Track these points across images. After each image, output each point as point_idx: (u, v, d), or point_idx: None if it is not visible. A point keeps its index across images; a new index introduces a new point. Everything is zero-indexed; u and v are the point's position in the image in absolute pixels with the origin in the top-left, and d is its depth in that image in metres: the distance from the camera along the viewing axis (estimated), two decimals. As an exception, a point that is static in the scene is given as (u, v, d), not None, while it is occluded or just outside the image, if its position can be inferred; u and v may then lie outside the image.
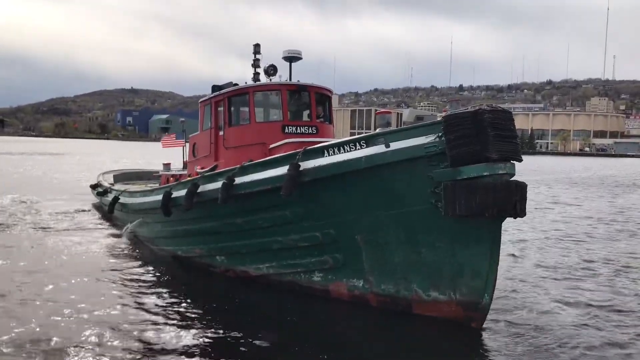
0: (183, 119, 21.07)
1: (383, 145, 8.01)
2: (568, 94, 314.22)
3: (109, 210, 17.57)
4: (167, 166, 16.94)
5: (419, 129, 7.87)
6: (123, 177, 24.83)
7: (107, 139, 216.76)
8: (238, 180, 9.69)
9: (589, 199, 30.19)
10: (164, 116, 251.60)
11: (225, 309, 9.23)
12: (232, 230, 10.66)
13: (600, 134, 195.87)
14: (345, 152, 8.41)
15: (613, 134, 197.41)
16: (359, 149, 8.26)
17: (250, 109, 12.31)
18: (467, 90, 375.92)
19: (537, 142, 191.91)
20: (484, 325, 8.16)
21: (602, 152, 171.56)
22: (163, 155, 20.34)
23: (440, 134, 7.58)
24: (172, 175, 15.75)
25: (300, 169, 8.70)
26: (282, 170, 8.90)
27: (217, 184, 9.96)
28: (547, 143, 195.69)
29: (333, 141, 8.82)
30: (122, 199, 16.27)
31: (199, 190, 10.53)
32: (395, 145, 7.93)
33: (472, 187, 7.34)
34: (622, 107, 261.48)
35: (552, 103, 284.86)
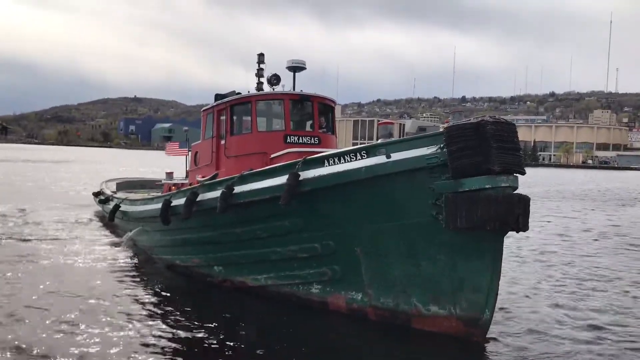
0: (186, 128, 21.11)
1: (384, 156, 7.93)
2: (571, 106, 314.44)
3: (109, 218, 17.60)
4: (169, 175, 16.96)
5: (421, 139, 7.80)
6: (126, 185, 24.75)
7: (110, 147, 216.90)
8: (237, 189, 9.60)
9: (591, 212, 30.04)
10: (167, 125, 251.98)
11: (222, 320, 9.09)
12: (230, 240, 10.55)
13: (603, 147, 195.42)
14: (345, 162, 8.33)
15: (616, 147, 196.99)
16: (359, 159, 8.19)
17: (253, 118, 12.29)
18: (469, 101, 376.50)
19: (540, 154, 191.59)
20: (484, 342, 7.98)
21: (605, 165, 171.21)
22: (165, 164, 20.31)
23: (442, 145, 7.49)
24: (174, 184, 15.72)
25: (300, 178, 8.62)
26: (282, 179, 8.82)
27: (216, 193, 9.88)
28: (550, 155, 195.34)
29: (333, 151, 8.76)
30: (123, 207, 16.24)
31: (198, 199, 10.44)
32: (396, 156, 7.85)
33: (474, 199, 7.24)
34: (625, 120, 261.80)
35: (555, 115, 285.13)
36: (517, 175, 7.60)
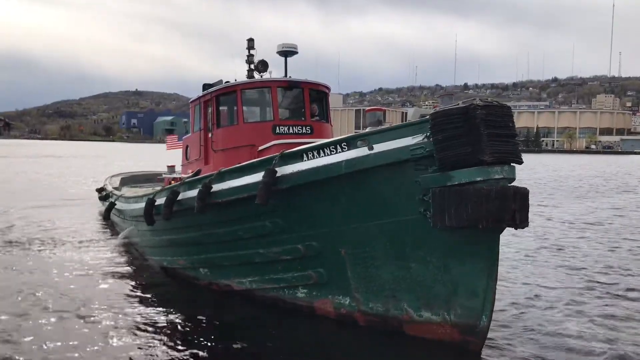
0: (186, 120, 20.66)
1: (366, 148, 7.22)
2: (574, 91, 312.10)
3: (104, 216, 17.37)
4: (171, 168, 16.50)
5: (405, 128, 7.05)
6: (131, 180, 23.91)
7: (112, 141, 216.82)
8: (215, 187, 9.01)
9: (595, 202, 29.33)
10: (169, 118, 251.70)
11: (208, 325, 8.66)
12: (212, 241, 10.01)
13: (607, 131, 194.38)
14: (325, 155, 7.61)
15: (619, 131, 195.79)
16: (339, 152, 7.48)
17: (238, 108, 11.63)
18: (472, 88, 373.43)
19: (543, 140, 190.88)
20: (482, 351, 7.31)
21: (608, 150, 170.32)
22: (168, 157, 19.85)
23: (428, 134, 6.77)
24: (174, 178, 15.25)
25: (277, 175, 8.00)
26: (259, 176, 8.16)
27: (196, 192, 9.27)
28: (553, 141, 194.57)
29: (313, 143, 8.06)
30: (118, 205, 15.86)
31: (179, 198, 9.89)
32: (379, 148, 7.14)
33: (463, 194, 6.53)
34: (629, 104, 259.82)
35: (558, 101, 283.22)
36: (514, 165, 6.86)
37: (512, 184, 6.83)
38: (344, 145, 7.49)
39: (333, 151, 7.58)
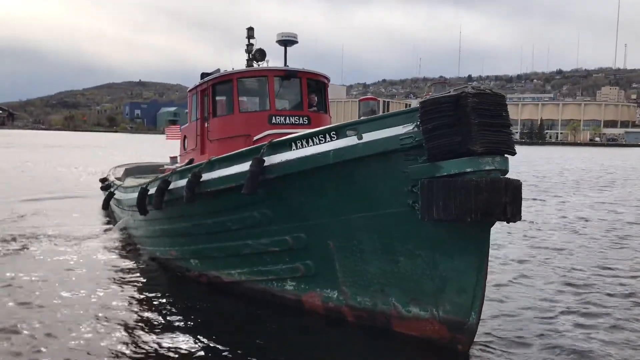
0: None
1: (355, 137, 7.00)
2: (578, 83, 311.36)
3: (103, 206, 17.44)
4: (173, 159, 16.49)
5: (396, 117, 6.81)
6: (136, 170, 23.59)
7: (116, 131, 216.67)
8: (205, 176, 8.87)
9: (595, 197, 29.05)
10: (172, 108, 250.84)
11: (196, 317, 8.49)
12: (202, 232, 9.93)
13: (611, 124, 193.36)
14: (314, 144, 7.40)
15: (624, 124, 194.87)
16: (328, 142, 7.27)
17: (234, 98, 11.54)
18: (476, 80, 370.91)
19: (547, 133, 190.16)
20: (471, 349, 7.14)
21: (612, 142, 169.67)
22: (172, 149, 19.87)
23: (418, 123, 6.51)
24: (174, 169, 15.19)
25: (265, 164, 7.81)
26: (248, 165, 7.96)
27: (186, 181, 9.16)
28: (557, 133, 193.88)
29: (302, 132, 7.88)
30: (117, 194, 15.87)
31: (170, 187, 9.81)
32: (368, 137, 6.91)
33: (452, 186, 6.29)
34: (634, 97, 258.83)
35: (562, 93, 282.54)
36: (507, 156, 6.56)
37: (505, 176, 6.61)
38: (332, 134, 7.28)
39: (322, 140, 7.38)
